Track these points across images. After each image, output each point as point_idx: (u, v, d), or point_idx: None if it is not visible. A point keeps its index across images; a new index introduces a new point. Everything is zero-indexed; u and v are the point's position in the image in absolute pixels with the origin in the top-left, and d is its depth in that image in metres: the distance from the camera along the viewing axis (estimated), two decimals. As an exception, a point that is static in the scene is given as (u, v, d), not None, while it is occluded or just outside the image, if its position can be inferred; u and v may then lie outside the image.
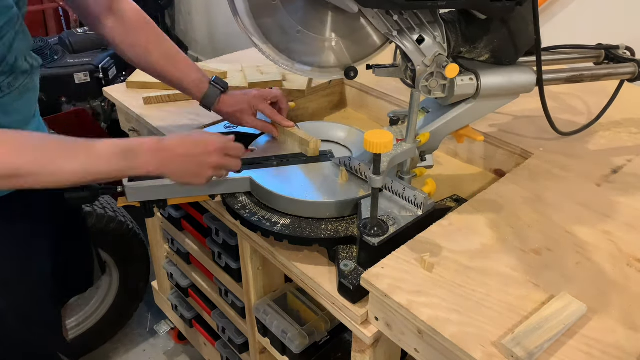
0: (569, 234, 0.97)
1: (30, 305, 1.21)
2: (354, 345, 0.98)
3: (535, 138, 1.28)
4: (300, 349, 1.23)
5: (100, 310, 1.96)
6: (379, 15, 0.96)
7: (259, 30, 1.00)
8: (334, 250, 1.00)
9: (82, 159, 0.90)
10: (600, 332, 0.78)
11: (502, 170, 1.29)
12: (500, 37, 1.02)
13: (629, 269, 0.89)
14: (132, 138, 1.02)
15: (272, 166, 1.16)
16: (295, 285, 1.27)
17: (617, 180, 1.12)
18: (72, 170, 0.89)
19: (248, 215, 1.07)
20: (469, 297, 0.83)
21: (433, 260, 0.89)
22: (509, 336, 0.75)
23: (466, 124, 1.12)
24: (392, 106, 1.50)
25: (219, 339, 1.66)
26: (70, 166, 0.89)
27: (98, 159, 0.91)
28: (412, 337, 0.83)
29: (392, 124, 1.15)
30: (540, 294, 0.84)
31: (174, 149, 0.98)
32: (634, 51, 1.21)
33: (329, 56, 1.05)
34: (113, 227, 1.79)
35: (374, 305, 0.89)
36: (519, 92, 1.08)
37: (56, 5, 3.29)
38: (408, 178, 1.12)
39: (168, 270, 1.74)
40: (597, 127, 1.29)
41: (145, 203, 1.12)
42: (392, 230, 0.95)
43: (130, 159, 0.93)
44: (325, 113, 1.62)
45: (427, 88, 1.02)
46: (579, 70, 1.15)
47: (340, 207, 1.05)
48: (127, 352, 2.06)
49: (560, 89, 1.43)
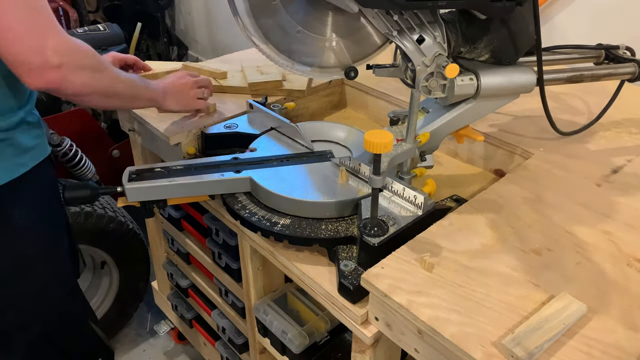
0: (569, 234, 0.97)
1: (66, 277, 1.31)
2: (354, 345, 0.98)
3: (535, 138, 1.28)
4: (300, 349, 1.22)
5: (100, 310, 1.95)
6: (379, 15, 0.96)
7: (259, 30, 1.00)
8: (334, 250, 1.00)
9: (143, 91, 1.18)
10: (600, 332, 0.78)
11: (502, 170, 1.29)
12: (500, 37, 1.02)
13: (629, 269, 0.89)
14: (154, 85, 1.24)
15: (272, 166, 1.16)
16: (295, 285, 1.27)
17: (617, 180, 1.12)
18: (144, 97, 1.19)
19: (248, 215, 1.07)
20: (469, 297, 0.83)
21: (433, 260, 0.89)
22: (509, 336, 0.75)
23: (466, 124, 1.12)
24: (392, 106, 1.50)
25: (219, 339, 1.66)
26: (143, 95, 1.18)
27: (153, 93, 1.21)
28: (412, 337, 0.83)
29: (392, 124, 1.15)
30: (540, 294, 0.84)
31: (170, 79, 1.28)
32: (634, 51, 1.21)
33: (329, 56, 1.05)
34: (113, 227, 1.78)
35: (374, 305, 0.89)
36: (519, 92, 1.08)
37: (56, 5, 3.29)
38: (408, 178, 1.12)
39: (168, 270, 1.74)
40: (597, 127, 1.29)
41: (145, 203, 1.12)
42: (392, 230, 0.95)
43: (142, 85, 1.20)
44: (325, 113, 1.62)
45: (427, 88, 1.02)
46: (579, 70, 1.15)
47: (340, 207, 1.05)
48: (127, 352, 2.06)
49: (560, 89, 1.42)
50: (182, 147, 1.30)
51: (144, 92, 1.18)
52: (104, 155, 2.14)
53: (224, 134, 1.30)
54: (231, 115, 1.37)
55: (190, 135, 1.30)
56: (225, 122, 1.33)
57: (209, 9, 3.39)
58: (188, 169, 1.14)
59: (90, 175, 1.99)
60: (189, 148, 1.31)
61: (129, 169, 1.12)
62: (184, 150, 1.30)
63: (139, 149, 1.55)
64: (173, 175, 1.12)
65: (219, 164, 1.16)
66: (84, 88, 0.99)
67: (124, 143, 2.16)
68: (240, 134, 1.30)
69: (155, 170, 1.13)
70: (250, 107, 1.33)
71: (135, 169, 1.13)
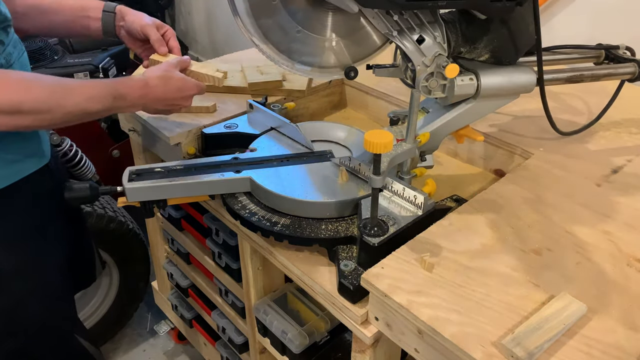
0: (569, 234, 0.97)
1: (49, 291, 1.25)
2: (354, 345, 0.98)
3: (535, 138, 1.28)
4: (300, 349, 1.23)
5: (100, 310, 1.96)
6: (379, 15, 0.96)
7: (259, 30, 1.00)
8: (334, 250, 1.00)
9: (77, 99, 0.99)
10: (600, 332, 0.78)
11: (502, 170, 1.29)
12: (500, 37, 1.02)
13: (629, 269, 0.89)
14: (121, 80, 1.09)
15: (272, 166, 1.16)
16: (295, 285, 1.27)
17: (617, 180, 1.12)
18: (69, 110, 0.98)
19: (248, 215, 1.07)
20: (469, 297, 0.83)
21: (433, 260, 0.89)
22: (509, 336, 0.75)
23: (466, 124, 1.12)
24: (392, 106, 1.50)
25: (219, 339, 1.66)
26: (68, 104, 0.97)
27: (92, 100, 1.01)
28: (412, 337, 0.83)
29: (392, 124, 1.15)
30: (540, 294, 0.84)
31: (158, 93, 1.11)
32: (634, 51, 1.21)
33: (329, 56, 1.05)
34: (113, 227, 1.79)
35: (374, 305, 0.89)
36: (519, 92, 1.08)
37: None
38: (408, 178, 1.12)
39: (168, 270, 1.74)
40: (597, 127, 1.29)
41: (145, 203, 1.12)
42: (392, 230, 0.95)
43: (119, 101, 1.05)
44: (325, 113, 1.62)
45: (427, 88, 1.02)
46: (579, 70, 1.15)
47: (340, 207, 1.05)
48: (127, 352, 2.06)
49: (560, 89, 1.42)
50: (182, 147, 1.30)
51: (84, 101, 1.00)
52: (104, 155, 2.14)
53: (224, 134, 1.30)
54: (231, 115, 1.37)
55: (190, 135, 1.30)
56: (225, 122, 1.33)
57: (209, 9, 3.38)
58: (188, 169, 1.14)
59: (90, 175, 1.99)
60: (189, 148, 1.31)
61: (129, 169, 1.12)
62: (184, 150, 1.30)
63: (139, 149, 1.55)
64: (173, 175, 1.12)
65: (219, 164, 1.16)
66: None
67: (124, 143, 2.16)
68: (240, 134, 1.30)
69: (155, 170, 1.13)
70: (250, 107, 1.33)
71: (135, 169, 1.13)
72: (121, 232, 1.81)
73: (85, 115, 1.02)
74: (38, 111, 0.94)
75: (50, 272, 1.23)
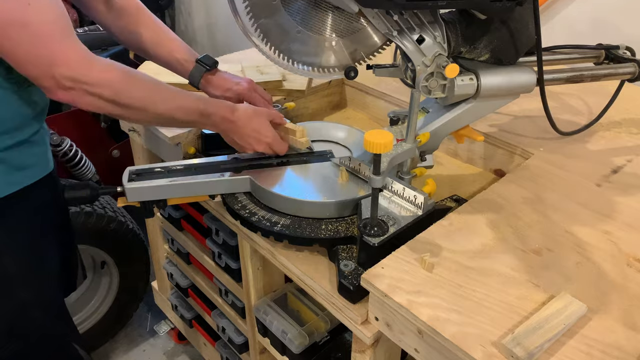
0: (569, 234, 0.97)
1: (50, 298, 1.26)
2: (354, 345, 0.98)
3: (535, 138, 1.28)
4: (300, 349, 1.23)
5: (100, 310, 1.96)
6: (379, 15, 0.96)
7: (259, 30, 1.00)
8: (334, 250, 1.00)
9: (170, 105, 1.04)
10: (600, 332, 0.78)
11: (502, 170, 1.29)
12: (500, 37, 1.02)
13: (629, 269, 0.89)
14: (211, 100, 1.13)
15: (272, 166, 1.16)
16: (295, 285, 1.27)
17: (617, 180, 1.12)
18: (160, 112, 1.03)
19: (248, 215, 1.07)
20: (469, 297, 0.83)
21: (433, 260, 0.89)
22: (509, 336, 0.75)
23: (466, 124, 1.12)
24: (392, 106, 1.50)
25: (219, 339, 1.66)
26: (161, 108, 1.03)
27: (181, 110, 1.06)
28: (412, 337, 0.83)
29: (392, 124, 1.15)
30: (540, 294, 0.84)
31: (240, 125, 1.12)
32: (634, 51, 1.21)
33: (329, 56, 1.05)
34: (113, 227, 1.78)
35: (374, 305, 0.89)
36: (519, 92, 1.08)
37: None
38: (408, 178, 1.12)
39: (168, 270, 1.74)
40: (597, 127, 1.29)
41: (145, 203, 1.12)
42: (392, 230, 0.95)
43: (203, 118, 1.09)
44: (325, 113, 1.62)
45: (427, 88, 1.02)
46: (579, 70, 1.15)
47: (340, 207, 1.05)
48: (127, 352, 2.06)
49: (560, 89, 1.43)
50: (182, 147, 1.30)
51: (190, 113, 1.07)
52: (104, 155, 2.14)
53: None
54: (231, 115, 1.37)
55: (190, 135, 1.30)
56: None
57: (209, 9, 3.38)
58: (188, 169, 1.14)
59: (90, 175, 1.99)
60: (189, 148, 1.31)
61: (129, 169, 1.12)
62: (184, 150, 1.30)
63: (139, 149, 1.55)
64: (173, 175, 1.12)
65: (219, 164, 1.16)
66: (97, 109, 0.98)
67: (124, 143, 2.16)
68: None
69: (155, 170, 1.13)
70: (250, 107, 1.32)
71: (135, 169, 1.13)
72: (121, 232, 1.81)
73: (172, 122, 1.08)
74: (131, 106, 0.99)
75: (50, 278, 1.24)
